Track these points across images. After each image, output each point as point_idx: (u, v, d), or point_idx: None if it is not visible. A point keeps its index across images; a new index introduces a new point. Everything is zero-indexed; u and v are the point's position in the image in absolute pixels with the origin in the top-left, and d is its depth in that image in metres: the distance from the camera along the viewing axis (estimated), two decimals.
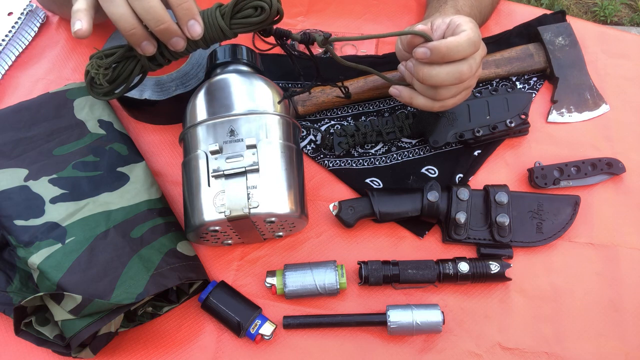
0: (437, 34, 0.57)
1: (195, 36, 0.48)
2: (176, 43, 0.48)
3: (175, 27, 0.47)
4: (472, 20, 0.56)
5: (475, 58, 0.55)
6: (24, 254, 0.55)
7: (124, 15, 0.45)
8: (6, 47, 0.80)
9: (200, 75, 0.69)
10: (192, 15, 0.47)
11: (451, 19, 0.56)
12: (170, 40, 0.48)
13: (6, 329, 0.60)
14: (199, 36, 0.48)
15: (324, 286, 0.59)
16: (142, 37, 0.47)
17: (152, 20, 0.45)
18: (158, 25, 0.46)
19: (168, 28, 0.46)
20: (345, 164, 0.69)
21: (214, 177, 0.55)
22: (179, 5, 0.46)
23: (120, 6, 0.45)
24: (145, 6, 0.44)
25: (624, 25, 1.92)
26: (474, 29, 0.54)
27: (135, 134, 0.73)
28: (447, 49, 0.53)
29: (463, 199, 0.63)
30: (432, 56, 0.53)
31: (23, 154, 0.62)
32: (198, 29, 0.47)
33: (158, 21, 0.45)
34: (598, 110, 0.72)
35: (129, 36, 0.47)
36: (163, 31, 0.46)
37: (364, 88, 0.71)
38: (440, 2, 0.70)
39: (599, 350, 0.58)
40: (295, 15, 0.83)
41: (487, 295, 0.61)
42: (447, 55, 0.53)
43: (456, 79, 0.55)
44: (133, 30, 0.46)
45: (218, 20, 0.48)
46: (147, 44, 0.48)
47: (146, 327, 0.60)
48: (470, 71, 0.55)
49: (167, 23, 0.46)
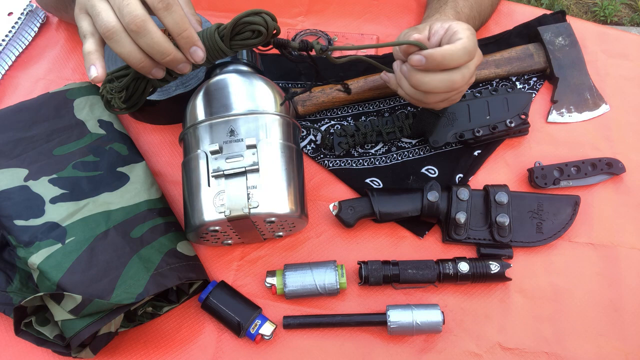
0: (434, 40, 0.57)
1: (198, 61, 0.50)
2: (183, 68, 0.50)
3: (180, 56, 0.49)
4: (470, 28, 0.56)
5: (469, 67, 0.56)
6: (24, 254, 0.55)
7: (131, 53, 0.47)
8: (6, 47, 0.80)
9: (200, 75, 0.69)
10: (193, 42, 0.48)
11: (450, 25, 0.56)
12: (177, 67, 0.50)
13: (6, 329, 0.60)
14: (202, 60, 0.50)
15: (324, 286, 0.59)
16: (151, 67, 0.49)
17: (158, 55, 0.47)
18: (164, 58, 0.48)
19: (174, 59, 0.48)
20: (345, 164, 0.69)
21: (214, 177, 0.55)
22: (179, 35, 0.47)
23: (126, 45, 0.47)
24: (149, 42, 0.46)
25: (624, 25, 1.92)
26: (470, 37, 0.54)
27: (135, 134, 0.73)
28: (442, 57, 0.53)
29: (463, 199, 0.63)
30: (427, 64, 0.54)
31: (23, 154, 0.62)
32: (201, 54, 0.49)
33: (163, 54, 0.47)
34: (598, 110, 0.72)
35: (139, 69, 0.49)
36: (168, 62, 0.49)
37: (364, 88, 0.71)
38: (440, 3, 0.70)
39: (599, 350, 0.58)
40: (295, 15, 0.83)
41: (487, 295, 0.61)
42: (442, 63, 0.54)
43: (448, 87, 0.56)
44: (141, 63, 0.48)
45: (218, 44, 0.50)
46: (156, 71, 0.50)
47: (146, 327, 0.60)
48: (463, 80, 0.56)
49: (171, 55, 0.48)
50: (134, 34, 0.46)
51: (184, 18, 0.47)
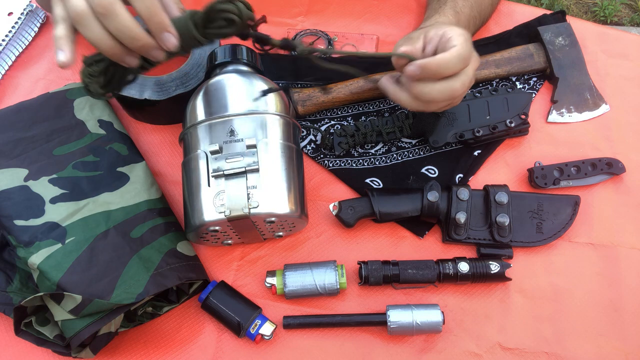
0: (430, 47, 0.57)
1: (171, 47, 0.47)
2: (156, 55, 0.48)
3: (151, 42, 0.46)
4: (464, 33, 0.55)
5: (467, 73, 0.56)
6: (24, 254, 0.55)
7: (101, 39, 0.45)
8: (6, 47, 0.79)
9: (200, 75, 0.69)
10: (165, 28, 0.46)
11: (444, 31, 0.56)
12: (149, 53, 0.48)
13: (6, 329, 0.60)
14: (175, 47, 0.48)
15: (324, 286, 0.59)
16: (123, 54, 0.47)
17: (127, 40, 0.45)
18: (134, 44, 0.45)
19: (144, 45, 0.46)
20: (345, 164, 0.69)
21: (214, 177, 0.55)
22: (150, 19, 0.45)
23: (95, 30, 0.45)
24: (118, 27, 0.44)
25: (624, 25, 1.92)
26: (464, 43, 0.54)
27: (135, 134, 0.73)
28: (437, 67, 0.53)
29: (463, 199, 0.63)
30: (422, 74, 0.54)
31: (23, 154, 0.62)
32: (173, 40, 0.47)
33: (133, 39, 0.45)
34: (598, 110, 0.72)
35: (110, 55, 0.47)
36: (140, 48, 0.46)
37: (364, 88, 0.71)
38: (440, 3, 0.70)
39: (599, 350, 0.58)
40: (295, 15, 0.83)
41: (487, 295, 0.61)
42: (438, 72, 0.54)
43: (449, 96, 0.55)
44: (112, 50, 0.46)
45: (192, 31, 0.48)
46: (129, 59, 0.48)
47: (146, 327, 0.60)
48: (463, 87, 0.56)
49: (142, 40, 0.45)
50: (102, 18, 0.44)
51: (154, 2, 0.45)
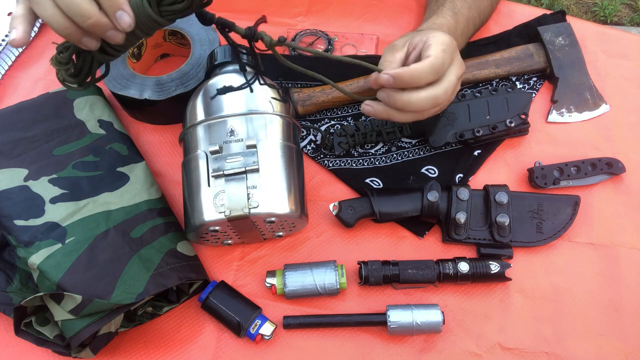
0: (414, 54, 0.58)
1: (126, 27, 0.44)
2: (113, 36, 0.45)
3: (104, 21, 0.43)
4: (445, 41, 0.56)
5: (449, 80, 0.56)
6: (24, 254, 0.55)
7: (53, 16, 0.43)
8: (6, 47, 0.80)
9: (200, 75, 0.69)
10: (118, 5, 0.43)
11: (427, 37, 0.57)
12: (106, 35, 0.45)
13: (6, 329, 0.60)
14: (130, 27, 0.44)
15: (324, 286, 0.59)
16: (78, 34, 0.44)
17: (78, 17, 0.42)
18: (85, 21, 0.42)
19: (96, 22, 0.43)
20: (345, 164, 0.69)
21: (214, 177, 0.55)
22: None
23: (47, 7, 0.42)
24: (67, 3, 0.42)
25: (624, 25, 1.92)
26: (439, 54, 0.54)
27: (135, 134, 0.73)
28: (409, 77, 0.54)
29: (463, 199, 0.63)
30: (396, 83, 0.55)
31: (23, 154, 0.62)
32: (127, 19, 0.44)
33: (84, 16, 0.42)
34: (598, 110, 0.72)
35: (65, 36, 0.44)
36: (92, 27, 0.43)
37: (364, 87, 0.71)
38: (438, 4, 0.70)
39: (599, 350, 0.58)
40: (295, 16, 0.83)
41: (487, 295, 0.61)
42: (410, 82, 0.54)
43: (432, 104, 0.56)
44: (66, 30, 0.43)
45: (146, 9, 0.45)
46: (87, 40, 0.45)
47: (146, 327, 0.60)
48: (446, 95, 0.56)
49: (93, 18, 0.42)
50: None
51: None
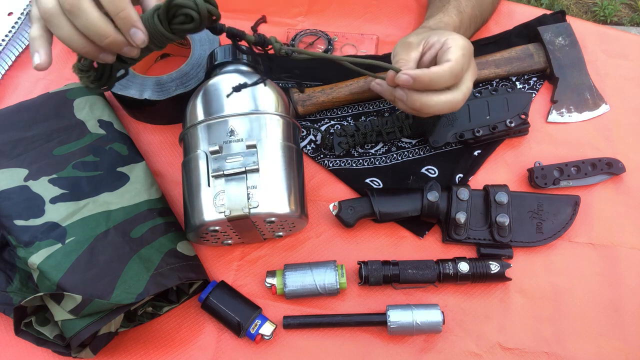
0: (430, 53, 0.58)
1: (140, 44, 0.46)
2: (129, 52, 0.47)
3: (120, 39, 0.45)
4: (464, 46, 0.56)
5: (467, 86, 0.57)
6: (24, 254, 0.55)
7: (71, 37, 0.44)
8: (6, 47, 0.79)
9: (200, 75, 0.69)
10: (132, 23, 0.45)
11: (445, 40, 0.57)
12: (122, 51, 0.47)
13: (6, 329, 0.60)
14: (144, 43, 0.46)
15: (324, 286, 0.59)
16: (96, 51, 0.46)
17: (95, 37, 0.44)
18: (102, 41, 0.44)
19: (113, 41, 0.45)
20: (345, 164, 0.69)
21: (214, 177, 0.55)
22: (116, 15, 0.44)
23: (64, 29, 0.44)
24: (85, 24, 0.43)
25: (624, 25, 1.92)
26: (459, 59, 0.55)
27: (135, 134, 0.73)
28: (429, 80, 0.54)
29: (463, 199, 0.63)
30: (414, 85, 0.55)
31: (23, 154, 0.62)
32: (141, 35, 0.46)
33: (101, 36, 0.44)
34: (598, 110, 0.72)
35: (84, 54, 0.46)
36: (109, 45, 0.45)
37: (364, 88, 0.71)
38: (443, 2, 0.70)
39: (599, 350, 0.58)
40: (295, 16, 0.83)
41: (487, 295, 0.61)
42: (429, 85, 0.55)
43: (450, 108, 0.57)
44: (84, 49, 0.45)
45: (157, 27, 0.47)
46: (104, 56, 0.47)
47: (146, 327, 0.60)
48: (464, 99, 0.57)
49: (110, 37, 0.44)
50: (69, 15, 0.43)
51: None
